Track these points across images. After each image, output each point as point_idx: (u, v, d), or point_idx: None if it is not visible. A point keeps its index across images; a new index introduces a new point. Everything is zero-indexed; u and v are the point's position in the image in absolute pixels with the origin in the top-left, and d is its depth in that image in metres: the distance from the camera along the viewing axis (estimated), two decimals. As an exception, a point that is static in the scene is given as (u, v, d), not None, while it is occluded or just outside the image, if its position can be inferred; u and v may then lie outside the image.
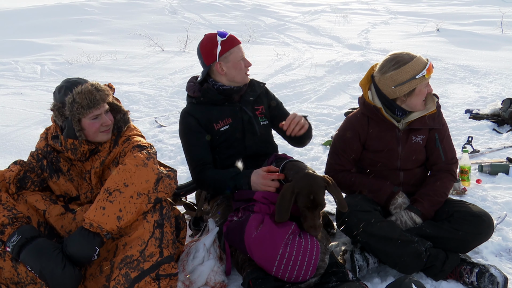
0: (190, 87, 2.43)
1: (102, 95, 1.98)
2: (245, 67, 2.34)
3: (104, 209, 1.79)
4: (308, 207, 1.90)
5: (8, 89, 6.19)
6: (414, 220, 2.13)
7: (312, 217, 1.90)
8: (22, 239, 1.78)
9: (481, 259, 2.18)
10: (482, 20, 11.79)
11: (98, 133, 2.01)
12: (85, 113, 1.95)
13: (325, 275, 1.91)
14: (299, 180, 1.94)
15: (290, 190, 1.91)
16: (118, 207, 1.80)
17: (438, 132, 2.27)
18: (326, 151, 3.95)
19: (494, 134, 4.20)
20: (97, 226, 1.78)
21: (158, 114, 5.27)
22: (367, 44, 9.53)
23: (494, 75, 6.59)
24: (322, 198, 1.91)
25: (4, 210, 1.83)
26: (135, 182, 1.84)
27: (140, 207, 1.85)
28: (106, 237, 1.82)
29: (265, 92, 2.52)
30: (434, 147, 2.27)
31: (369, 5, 16.72)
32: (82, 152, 2.02)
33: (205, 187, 2.34)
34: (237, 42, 2.33)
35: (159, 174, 1.92)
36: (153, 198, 1.89)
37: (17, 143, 4.05)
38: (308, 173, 1.97)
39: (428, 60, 2.13)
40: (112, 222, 1.79)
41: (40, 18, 12.87)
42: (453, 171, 2.29)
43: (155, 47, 9.63)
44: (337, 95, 5.94)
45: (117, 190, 1.82)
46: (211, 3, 16.08)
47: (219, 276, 2.00)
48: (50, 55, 8.98)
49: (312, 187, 1.90)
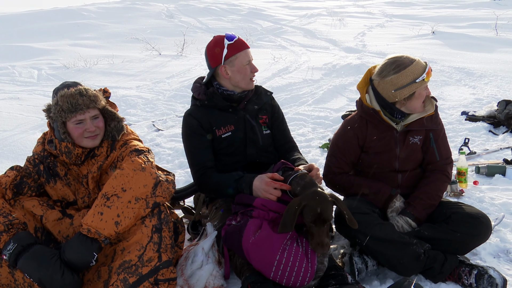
0: (195, 88, 2.39)
1: (86, 101, 1.95)
2: (251, 73, 2.30)
3: (102, 214, 1.78)
4: (315, 221, 1.83)
5: (5, 94, 6.18)
6: (410, 224, 2.14)
7: (319, 233, 1.83)
8: (19, 247, 1.76)
9: (479, 260, 2.19)
10: (476, 23, 11.87)
11: (83, 139, 1.99)
12: (67, 117, 1.93)
13: (324, 278, 1.90)
14: (307, 193, 1.88)
15: (297, 202, 1.87)
16: (116, 212, 1.79)
17: (433, 132, 2.28)
18: (324, 154, 3.96)
19: (490, 135, 4.22)
20: (95, 232, 1.77)
21: (155, 118, 5.27)
22: (364, 47, 9.58)
23: (490, 77, 6.63)
24: (329, 213, 1.87)
25: (0, 217, 1.82)
26: (133, 187, 1.84)
27: (138, 212, 1.84)
28: (104, 243, 1.81)
29: (271, 102, 2.49)
30: (429, 147, 2.28)
31: (365, 8, 16.82)
32: (76, 155, 2.00)
33: (207, 190, 2.32)
34: (244, 47, 2.29)
35: (157, 178, 1.91)
36: (151, 203, 1.88)
37: (14, 148, 4.04)
38: (318, 191, 1.90)
39: (427, 63, 2.14)
40: (110, 228, 1.78)
41: (37, 23, 12.87)
42: (447, 171, 2.29)
43: (152, 51, 9.65)
44: (334, 98, 5.96)
45: (114, 195, 1.82)
46: (208, 7, 16.14)
47: (218, 280, 1.99)
48: (47, 59, 8.98)
49: (320, 201, 1.85)
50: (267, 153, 2.40)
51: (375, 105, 2.22)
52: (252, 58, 2.33)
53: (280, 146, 2.48)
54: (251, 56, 2.31)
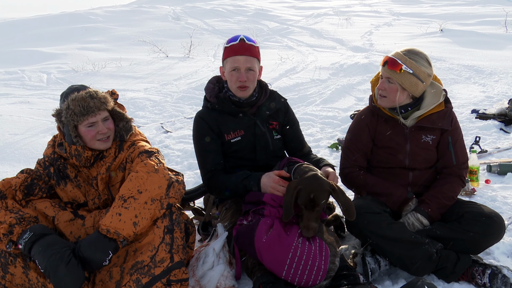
0: (208, 89, 2.37)
1: (97, 103, 1.97)
2: (237, 81, 2.20)
3: (120, 215, 1.80)
4: (306, 205, 1.89)
5: (15, 98, 6.25)
6: (421, 222, 2.12)
7: (308, 217, 1.89)
8: (34, 236, 1.78)
9: (492, 260, 2.16)
10: (485, 20, 11.76)
11: (95, 141, 2.00)
12: (79, 120, 1.95)
13: (335, 278, 1.89)
14: (304, 178, 1.95)
15: (294, 186, 1.93)
16: (134, 213, 1.81)
17: (452, 135, 2.26)
18: (333, 154, 3.94)
19: (501, 133, 4.17)
20: (114, 232, 1.79)
21: (164, 120, 5.29)
22: (371, 46, 9.53)
23: (500, 75, 6.56)
24: (321, 200, 1.90)
25: (11, 213, 1.84)
26: (149, 189, 1.85)
27: (154, 212, 1.86)
28: (122, 244, 1.82)
29: (285, 109, 2.44)
30: (446, 150, 2.26)
31: (371, 7, 16.74)
32: (86, 158, 2.02)
33: (216, 192, 2.33)
34: (234, 53, 2.18)
35: (170, 179, 1.92)
36: (165, 204, 1.90)
37: (25, 151, 4.09)
38: (316, 174, 1.96)
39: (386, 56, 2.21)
40: (129, 228, 1.80)
41: (45, 27, 13.01)
42: (463, 176, 2.28)
43: (160, 53, 9.70)
44: (342, 97, 5.94)
45: (131, 197, 1.83)
46: (214, 8, 16.18)
47: (229, 280, 1.99)
48: (56, 63, 9.07)
49: (314, 186, 1.90)
50: (277, 158, 2.40)
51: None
52: (244, 67, 2.19)
53: (297, 151, 2.47)
54: (242, 64, 2.18)
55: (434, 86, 2.26)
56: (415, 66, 2.12)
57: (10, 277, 1.85)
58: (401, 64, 2.12)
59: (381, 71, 2.21)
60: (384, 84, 2.18)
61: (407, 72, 2.11)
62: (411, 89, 2.15)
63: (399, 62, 2.12)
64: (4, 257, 1.85)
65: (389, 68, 2.14)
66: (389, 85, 2.17)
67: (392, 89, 2.17)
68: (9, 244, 1.80)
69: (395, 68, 2.12)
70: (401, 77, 2.13)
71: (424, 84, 2.17)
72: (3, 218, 1.82)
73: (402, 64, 2.12)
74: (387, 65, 2.15)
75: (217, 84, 2.39)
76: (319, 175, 1.97)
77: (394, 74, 2.13)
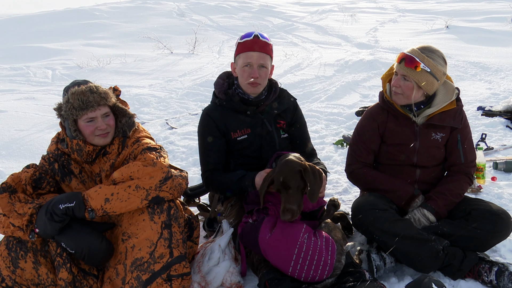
0: (218, 85, 2.36)
1: (97, 98, 1.95)
2: (249, 77, 2.21)
3: (100, 188, 1.83)
4: (280, 190, 1.91)
5: (21, 94, 6.27)
6: (428, 218, 2.11)
7: (285, 199, 1.89)
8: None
9: (499, 257, 2.15)
10: (491, 16, 11.65)
11: (94, 136, 1.99)
12: (78, 115, 1.94)
13: (341, 275, 1.89)
14: (278, 165, 1.97)
15: (269, 175, 1.97)
16: (112, 191, 1.82)
17: (461, 133, 2.24)
18: (338, 151, 3.94)
19: (507, 131, 4.15)
20: (86, 199, 1.82)
21: (168, 116, 5.30)
22: (376, 42, 9.48)
23: (506, 71, 6.51)
24: (291, 181, 1.89)
25: (27, 204, 1.85)
26: (140, 177, 1.85)
27: (133, 199, 1.83)
28: (89, 214, 1.82)
29: (294, 108, 2.43)
30: (455, 148, 2.24)
31: (377, 4, 16.63)
32: (87, 152, 2.00)
33: (212, 189, 2.35)
34: (248, 49, 2.19)
35: (168, 173, 1.89)
36: (152, 196, 1.85)
37: (30, 147, 4.11)
38: (287, 159, 1.97)
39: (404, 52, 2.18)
40: (99, 201, 1.81)
41: (50, 24, 13.02)
42: (470, 174, 2.26)
43: (164, 49, 9.69)
44: (347, 94, 5.91)
45: (121, 182, 1.86)
46: (219, 4, 16.13)
47: (234, 277, 2.00)
48: (60, 59, 9.08)
49: (284, 169, 1.91)
50: None
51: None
52: (257, 63, 2.20)
53: (300, 152, 2.46)
54: (255, 60, 2.19)
55: (445, 84, 2.23)
56: (432, 65, 2.09)
57: (20, 271, 1.86)
58: (419, 62, 2.07)
59: (397, 68, 2.16)
60: (399, 81, 2.15)
61: (424, 71, 2.08)
62: (426, 88, 2.12)
63: (417, 60, 2.07)
64: (15, 251, 1.86)
65: (406, 66, 2.09)
66: (404, 82, 2.14)
67: (407, 87, 2.13)
68: (32, 234, 1.81)
69: (412, 65, 2.08)
70: (418, 75, 2.09)
71: (439, 83, 2.15)
72: (22, 210, 1.83)
73: (420, 62, 2.07)
74: (403, 63, 2.10)
75: (226, 80, 2.38)
76: (290, 159, 1.96)
77: (411, 72, 2.09)
